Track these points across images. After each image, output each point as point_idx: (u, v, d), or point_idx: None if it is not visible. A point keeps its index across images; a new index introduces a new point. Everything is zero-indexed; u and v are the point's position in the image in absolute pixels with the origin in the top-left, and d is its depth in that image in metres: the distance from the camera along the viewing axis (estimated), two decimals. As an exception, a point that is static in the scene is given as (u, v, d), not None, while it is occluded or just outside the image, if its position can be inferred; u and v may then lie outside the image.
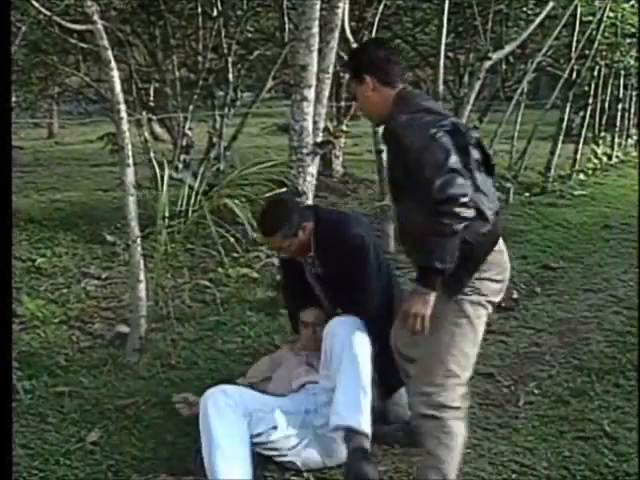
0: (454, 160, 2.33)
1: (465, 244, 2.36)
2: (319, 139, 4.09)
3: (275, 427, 2.82)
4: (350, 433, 2.72)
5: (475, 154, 2.46)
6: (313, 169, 4.09)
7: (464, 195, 2.29)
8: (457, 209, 2.28)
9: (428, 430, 2.51)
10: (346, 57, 5.73)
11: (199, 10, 7.19)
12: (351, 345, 2.80)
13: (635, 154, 14.34)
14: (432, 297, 2.38)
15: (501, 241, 2.56)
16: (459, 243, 2.33)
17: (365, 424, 2.73)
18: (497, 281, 2.52)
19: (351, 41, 5.55)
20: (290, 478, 2.86)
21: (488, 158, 2.54)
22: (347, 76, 8.85)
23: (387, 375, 3.04)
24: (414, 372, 2.74)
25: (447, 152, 2.33)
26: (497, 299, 2.58)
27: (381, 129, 2.70)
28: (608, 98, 12.31)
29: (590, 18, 9.09)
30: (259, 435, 2.79)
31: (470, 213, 2.31)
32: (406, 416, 3.15)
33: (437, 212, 2.30)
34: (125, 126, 3.67)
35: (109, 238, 6.27)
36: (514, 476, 2.79)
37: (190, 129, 7.44)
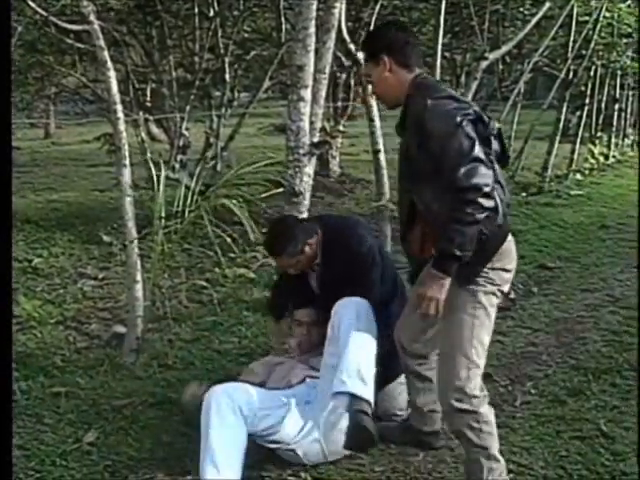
0: (478, 149, 2.34)
1: (481, 234, 2.38)
2: (316, 139, 4.08)
3: (281, 420, 2.82)
4: (353, 399, 2.70)
5: (495, 146, 2.49)
6: (310, 169, 4.08)
7: (487, 185, 2.31)
8: (480, 199, 2.30)
9: (467, 423, 2.55)
10: (343, 57, 5.74)
11: (196, 10, 7.19)
12: (359, 322, 2.83)
13: (632, 154, 14.37)
14: (447, 282, 2.41)
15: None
16: (478, 232, 2.35)
17: (368, 394, 2.73)
18: (508, 270, 2.58)
19: (348, 41, 5.54)
20: (287, 478, 2.86)
21: (505, 150, 2.57)
22: (344, 76, 8.87)
23: (385, 365, 3.05)
24: (424, 368, 2.88)
25: (472, 141, 2.34)
26: (506, 287, 2.62)
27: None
28: (605, 98, 12.33)
29: (586, 18, 9.10)
30: (265, 430, 2.80)
31: (491, 203, 2.33)
32: (394, 409, 3.16)
33: (460, 200, 2.31)
34: (122, 126, 3.67)
35: (106, 238, 6.26)
36: (511, 475, 2.79)
37: (187, 129, 7.44)
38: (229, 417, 2.69)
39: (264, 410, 2.80)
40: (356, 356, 2.77)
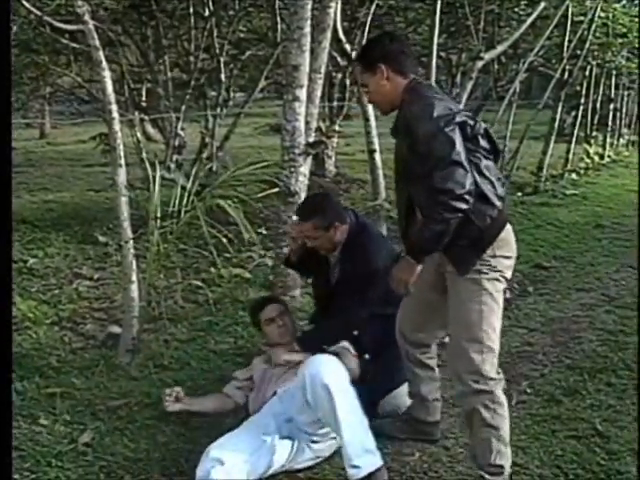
0: (457, 152, 2.46)
1: (473, 227, 2.55)
2: (311, 139, 4.09)
3: (274, 452, 2.78)
4: (371, 476, 2.68)
5: (484, 143, 2.60)
6: (305, 169, 4.09)
7: (461, 188, 2.44)
8: (452, 201, 2.44)
9: (483, 403, 2.63)
10: (339, 57, 5.74)
11: (191, 10, 7.19)
12: (339, 392, 2.69)
13: (627, 154, 14.41)
14: (418, 267, 2.63)
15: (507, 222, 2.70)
16: (452, 230, 2.49)
17: (378, 459, 2.70)
18: (508, 257, 2.71)
19: (343, 41, 5.56)
20: (282, 478, 2.86)
21: (495, 147, 2.68)
22: (339, 76, 8.87)
23: (388, 377, 3.07)
24: (426, 357, 3.00)
25: (452, 144, 2.47)
26: (509, 274, 2.74)
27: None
28: (600, 98, 12.37)
29: (581, 18, 9.13)
30: (264, 471, 2.77)
31: (463, 205, 2.45)
32: (397, 409, 3.19)
33: (434, 200, 2.48)
34: (117, 126, 3.66)
35: (101, 239, 6.26)
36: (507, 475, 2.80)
37: (182, 129, 7.44)
38: None
39: (255, 454, 2.74)
40: (355, 432, 2.68)
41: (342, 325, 3.24)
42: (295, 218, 3.51)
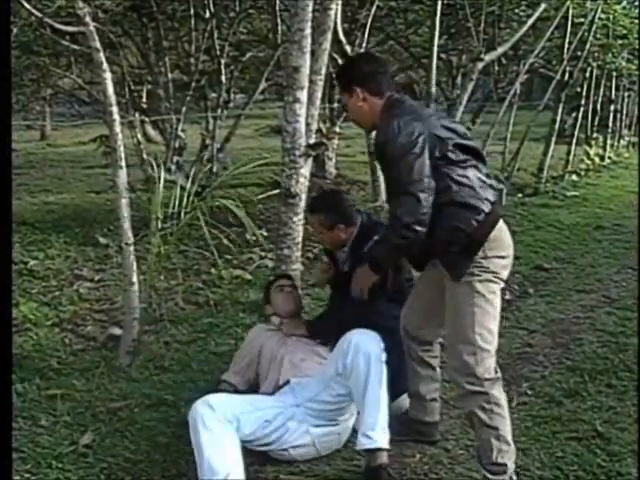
0: (412, 181, 2.55)
1: (461, 233, 2.61)
2: (312, 141, 4.08)
3: (267, 421, 2.85)
4: (377, 452, 2.78)
5: (458, 156, 2.65)
6: (306, 170, 4.09)
7: (410, 217, 2.56)
8: (400, 229, 2.59)
9: (479, 405, 2.65)
10: (339, 59, 5.75)
11: (191, 12, 7.19)
12: (376, 364, 2.83)
13: (627, 155, 14.41)
14: (373, 276, 2.83)
15: (501, 222, 2.73)
16: (403, 251, 2.73)
17: (387, 438, 2.80)
18: (502, 257, 2.71)
19: (344, 42, 5.56)
20: (283, 478, 2.86)
21: (476, 151, 2.73)
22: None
23: (396, 380, 3.07)
24: (427, 355, 3.03)
25: (409, 173, 2.56)
26: (505, 273, 2.74)
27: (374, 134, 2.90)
28: (600, 99, 12.36)
29: (582, 20, 9.13)
30: (252, 434, 2.80)
31: (410, 234, 2.57)
32: (396, 414, 3.18)
33: (388, 223, 2.72)
34: (118, 128, 3.66)
35: (102, 240, 6.26)
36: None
37: (183, 131, 7.44)
38: (216, 427, 2.67)
39: (247, 414, 2.80)
40: (377, 403, 2.79)
41: (347, 314, 3.28)
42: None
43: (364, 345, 2.85)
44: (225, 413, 2.73)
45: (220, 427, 2.68)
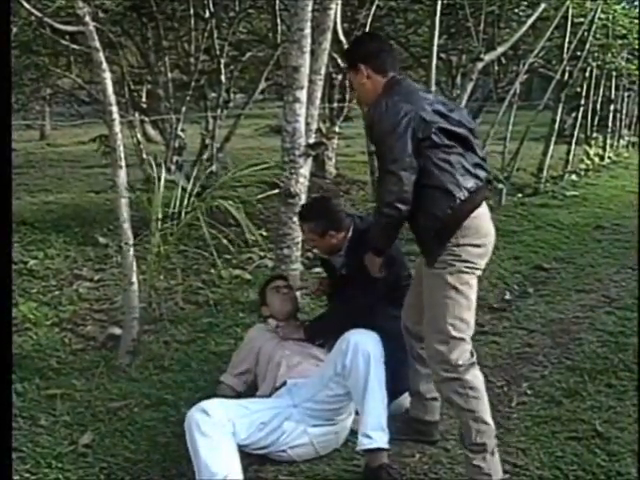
0: (394, 160, 2.62)
1: (434, 217, 2.66)
2: (311, 140, 4.09)
3: (263, 423, 2.85)
4: (377, 452, 2.79)
5: (438, 140, 2.67)
6: (306, 170, 4.09)
7: (391, 195, 2.62)
8: (383, 207, 2.67)
9: (454, 390, 2.71)
10: (339, 58, 5.75)
11: (191, 12, 7.18)
12: (376, 364, 2.84)
13: (627, 155, 14.41)
14: (377, 260, 2.90)
15: (481, 208, 2.74)
16: (392, 230, 2.75)
17: (387, 438, 2.81)
18: (477, 245, 2.72)
19: (343, 42, 5.56)
20: (282, 479, 2.86)
21: (460, 138, 2.74)
22: (339, 77, 8.88)
23: (396, 380, 3.07)
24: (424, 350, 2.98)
25: (391, 152, 2.63)
26: (482, 263, 2.76)
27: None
28: (600, 99, 12.36)
29: (581, 19, 9.13)
30: (248, 437, 2.81)
31: (392, 212, 2.64)
32: (397, 414, 3.18)
33: (376, 204, 2.81)
34: (117, 128, 3.66)
35: (101, 240, 6.25)
36: (507, 476, 2.80)
37: (183, 130, 7.43)
38: (212, 431, 2.67)
39: (242, 418, 2.80)
40: (377, 403, 2.81)
41: (345, 316, 3.30)
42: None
43: (363, 345, 2.85)
44: (220, 418, 2.72)
45: (216, 431, 2.67)
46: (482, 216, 2.75)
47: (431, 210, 2.66)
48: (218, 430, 2.68)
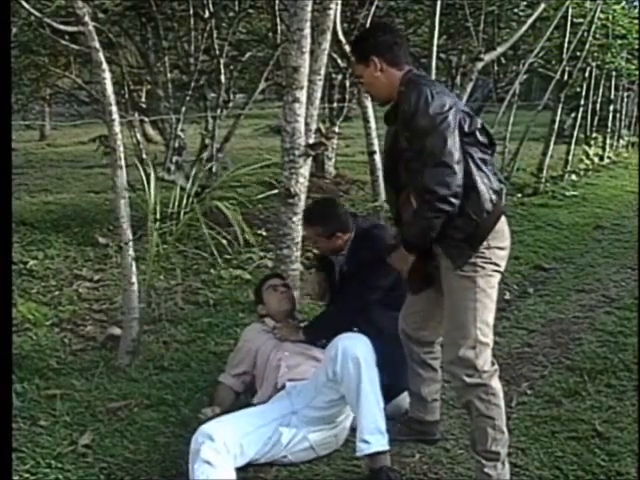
0: (447, 152, 2.49)
1: (470, 220, 2.57)
2: (311, 140, 4.09)
3: (269, 437, 2.84)
4: (377, 456, 2.77)
5: (482, 138, 2.62)
6: (305, 170, 4.09)
7: (447, 189, 2.49)
8: (436, 202, 2.50)
9: (477, 395, 2.66)
10: (339, 59, 5.75)
11: (191, 12, 7.17)
12: (367, 367, 2.81)
13: (627, 155, 14.42)
14: (411, 257, 2.73)
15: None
16: (438, 226, 2.56)
17: (386, 440, 2.79)
18: (502, 248, 2.69)
19: (343, 42, 5.56)
20: (283, 478, 2.86)
21: (492, 141, 2.69)
22: (339, 78, 8.88)
23: (394, 380, 3.07)
24: (429, 357, 3.01)
25: (444, 144, 2.49)
26: (504, 264, 2.72)
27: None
28: (600, 99, 12.37)
29: (581, 20, 9.13)
30: (257, 453, 2.81)
31: (447, 207, 2.50)
32: (396, 415, 3.17)
33: (421, 198, 2.56)
34: (117, 128, 3.66)
35: (101, 240, 6.25)
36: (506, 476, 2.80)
37: (182, 131, 7.42)
38: (213, 457, 2.63)
39: (248, 436, 2.78)
40: (372, 406, 2.78)
41: (344, 316, 3.32)
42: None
43: (352, 350, 2.81)
44: (225, 442, 2.68)
45: (218, 457, 2.64)
46: (503, 219, 2.71)
47: (467, 211, 2.56)
48: (221, 456, 2.64)
